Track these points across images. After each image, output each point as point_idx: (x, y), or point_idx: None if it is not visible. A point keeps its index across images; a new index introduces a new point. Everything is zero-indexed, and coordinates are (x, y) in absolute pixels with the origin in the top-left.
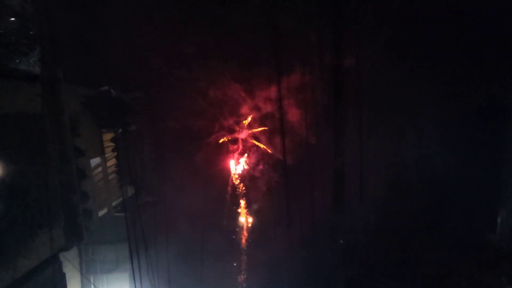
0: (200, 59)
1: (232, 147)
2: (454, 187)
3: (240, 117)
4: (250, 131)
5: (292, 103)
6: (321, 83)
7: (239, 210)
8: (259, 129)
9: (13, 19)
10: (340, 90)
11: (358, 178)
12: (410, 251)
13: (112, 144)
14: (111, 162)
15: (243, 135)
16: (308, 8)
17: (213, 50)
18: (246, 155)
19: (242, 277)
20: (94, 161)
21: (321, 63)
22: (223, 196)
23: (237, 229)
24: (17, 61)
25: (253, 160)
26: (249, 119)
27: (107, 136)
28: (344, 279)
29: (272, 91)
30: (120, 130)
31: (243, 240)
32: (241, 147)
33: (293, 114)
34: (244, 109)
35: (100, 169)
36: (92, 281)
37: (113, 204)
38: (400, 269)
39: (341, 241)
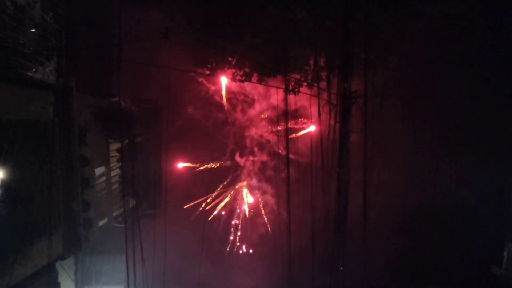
0: (211, 76)
1: (239, 164)
2: (461, 220)
3: (245, 135)
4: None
5: (297, 123)
6: (328, 105)
7: (240, 229)
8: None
9: (33, 30)
10: (347, 113)
11: (362, 205)
12: (413, 282)
13: (117, 154)
14: (115, 172)
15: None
16: (318, 32)
17: (224, 68)
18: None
19: None
20: (99, 170)
21: (329, 85)
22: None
23: (235, 247)
24: (34, 70)
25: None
26: (259, 119)
27: (113, 146)
28: None
29: (280, 109)
30: (127, 141)
31: (241, 258)
32: (245, 165)
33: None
34: (251, 126)
35: (103, 178)
36: None
37: (114, 214)
38: None
39: (341, 267)
